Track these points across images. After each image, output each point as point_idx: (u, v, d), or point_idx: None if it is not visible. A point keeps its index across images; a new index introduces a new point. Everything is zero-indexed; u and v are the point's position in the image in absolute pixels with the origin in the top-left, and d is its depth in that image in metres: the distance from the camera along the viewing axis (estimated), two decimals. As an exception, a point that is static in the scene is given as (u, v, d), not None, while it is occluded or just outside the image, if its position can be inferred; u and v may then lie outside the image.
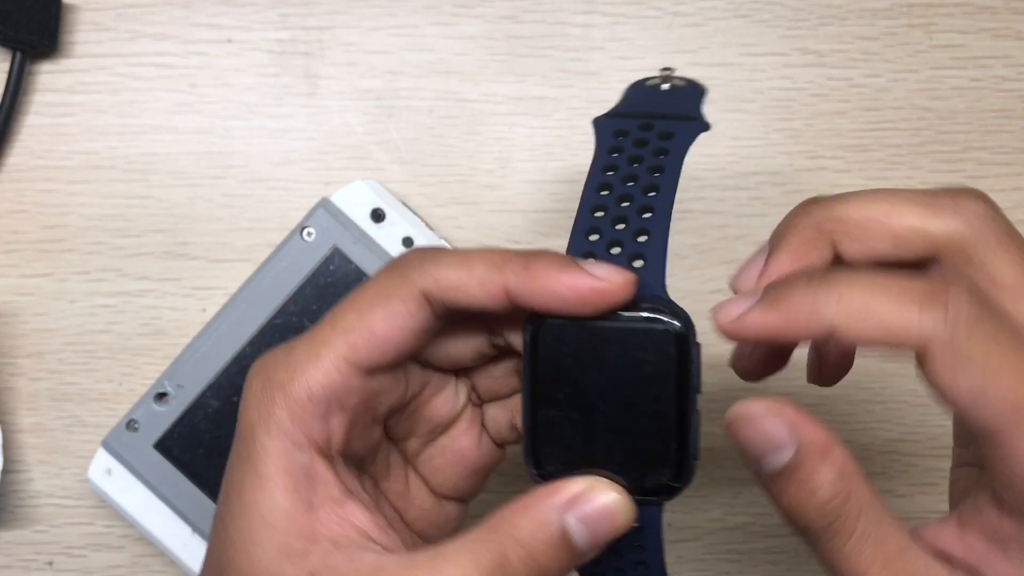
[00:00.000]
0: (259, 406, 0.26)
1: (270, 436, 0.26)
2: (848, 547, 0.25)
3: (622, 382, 0.25)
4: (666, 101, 0.30)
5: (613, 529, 0.25)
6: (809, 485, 0.24)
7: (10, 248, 0.42)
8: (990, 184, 0.43)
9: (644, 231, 0.26)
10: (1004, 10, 0.43)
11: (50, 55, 0.42)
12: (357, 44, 0.43)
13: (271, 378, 0.26)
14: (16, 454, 0.42)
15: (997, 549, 0.25)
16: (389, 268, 0.27)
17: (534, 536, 0.24)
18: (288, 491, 0.25)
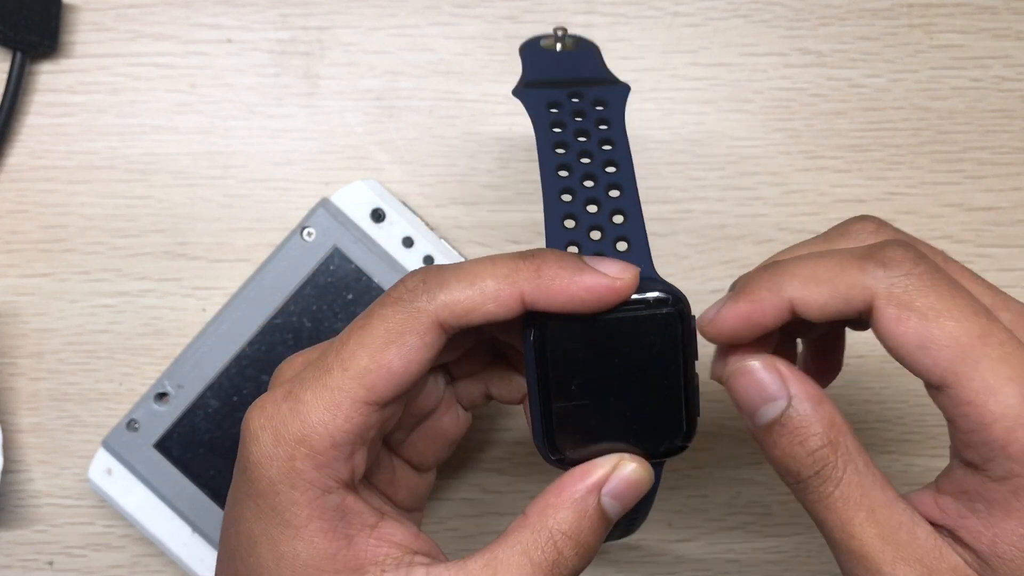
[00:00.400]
0: (275, 461, 0.26)
1: (296, 489, 0.26)
2: (835, 494, 0.26)
3: (631, 365, 0.27)
4: (574, 64, 0.31)
5: (640, 494, 0.27)
6: (800, 434, 0.26)
7: (10, 248, 0.42)
8: (990, 184, 0.43)
9: (619, 211, 0.27)
10: (1004, 10, 0.43)
11: (50, 55, 0.42)
12: (357, 44, 0.43)
13: (282, 432, 0.26)
14: (16, 454, 0.42)
15: (966, 507, 0.25)
16: (396, 299, 0.26)
17: (579, 524, 0.26)
18: (326, 533, 0.26)
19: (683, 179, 0.43)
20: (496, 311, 0.26)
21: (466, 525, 0.43)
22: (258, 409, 0.27)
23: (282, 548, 0.26)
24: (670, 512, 0.43)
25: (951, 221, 0.43)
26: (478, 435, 0.43)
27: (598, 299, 0.26)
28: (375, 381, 0.26)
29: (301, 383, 0.26)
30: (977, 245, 0.43)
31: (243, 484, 0.27)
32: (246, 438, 0.26)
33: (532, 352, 0.26)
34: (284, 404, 0.26)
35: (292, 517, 0.26)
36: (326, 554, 0.26)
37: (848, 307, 0.25)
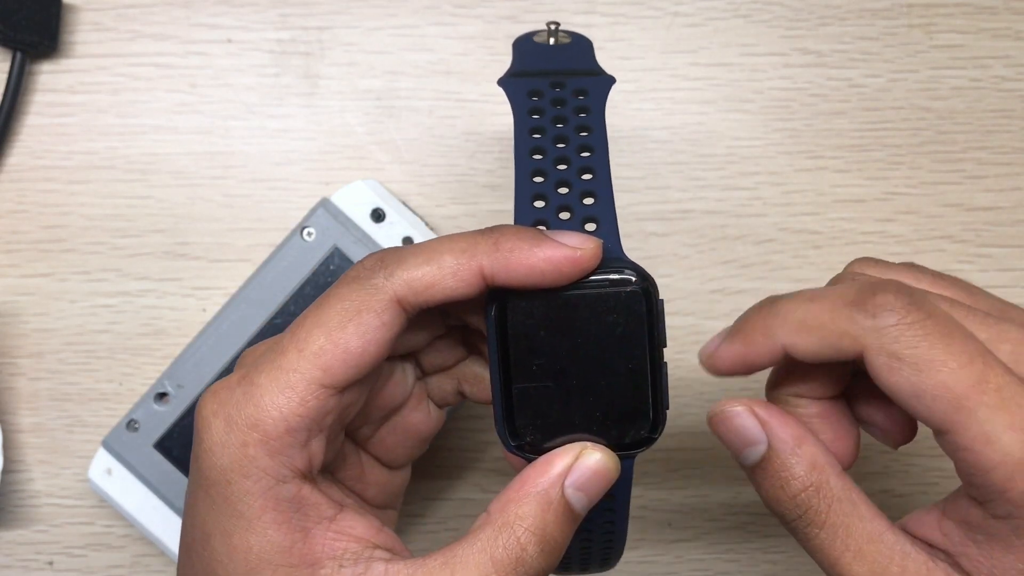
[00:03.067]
0: (227, 448, 0.25)
1: (249, 478, 0.25)
2: (821, 536, 0.26)
3: (594, 346, 0.26)
4: (562, 57, 0.31)
5: (606, 486, 0.26)
6: (780, 479, 0.26)
7: (10, 248, 0.42)
8: (990, 184, 0.43)
9: (589, 193, 0.27)
10: (1004, 10, 0.43)
11: (50, 55, 0.42)
12: (357, 44, 0.43)
13: (235, 417, 0.25)
14: (16, 454, 0.42)
15: (968, 536, 0.25)
16: (353, 278, 0.26)
17: (543, 518, 0.25)
18: (280, 525, 0.25)
19: (683, 179, 0.43)
20: (456, 286, 0.25)
21: (466, 525, 0.43)
22: (211, 394, 0.26)
23: (234, 541, 0.25)
24: (670, 512, 0.43)
25: (951, 221, 0.43)
26: (478, 435, 0.43)
27: (558, 271, 0.25)
28: (331, 362, 0.25)
29: (256, 366, 0.25)
30: (977, 245, 0.43)
31: (196, 474, 0.26)
32: (199, 426, 0.25)
33: (493, 328, 0.26)
34: (238, 388, 0.25)
35: (245, 508, 0.25)
36: (280, 547, 0.25)
37: (839, 355, 0.25)
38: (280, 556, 0.25)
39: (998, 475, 0.24)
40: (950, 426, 0.24)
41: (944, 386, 0.24)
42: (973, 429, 0.24)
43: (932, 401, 0.24)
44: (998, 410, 0.24)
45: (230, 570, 0.25)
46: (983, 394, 0.24)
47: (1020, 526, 0.24)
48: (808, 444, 0.26)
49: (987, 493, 0.24)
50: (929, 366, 0.24)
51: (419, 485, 0.43)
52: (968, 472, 0.24)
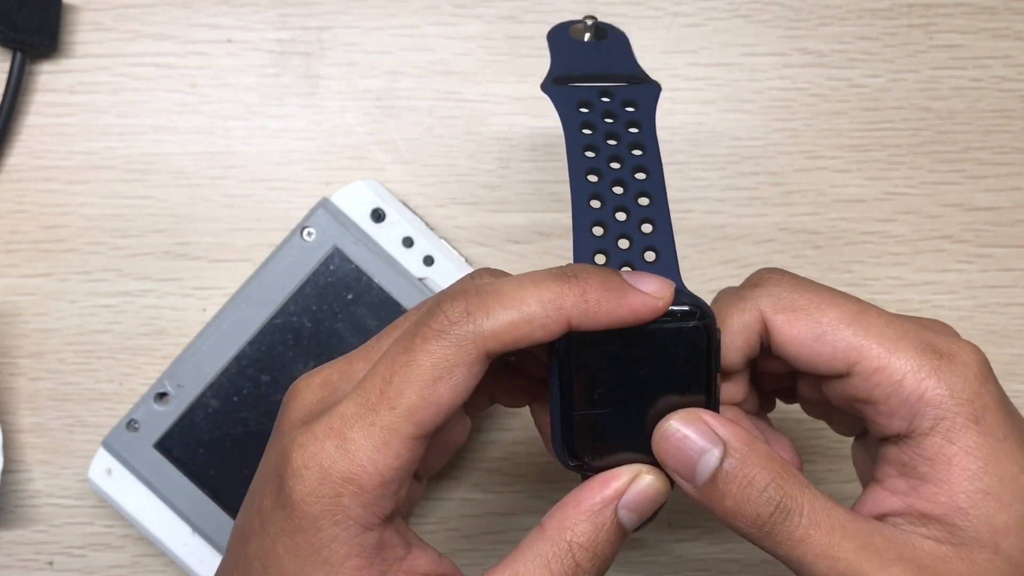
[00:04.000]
0: (321, 499, 0.25)
1: (339, 526, 0.25)
2: (804, 523, 0.26)
3: (655, 376, 0.27)
4: (604, 57, 0.31)
5: (656, 507, 0.27)
6: (746, 478, 0.26)
7: (10, 248, 0.42)
8: (990, 184, 0.43)
9: (648, 220, 0.27)
10: (1004, 10, 0.43)
11: (50, 55, 0.42)
12: (357, 44, 0.43)
13: (329, 471, 0.25)
14: (16, 454, 0.42)
15: (913, 478, 0.26)
16: (439, 331, 0.26)
17: (596, 536, 0.26)
18: (361, 571, 0.26)
19: (683, 179, 0.43)
20: (544, 337, 0.26)
21: (466, 525, 0.43)
22: (299, 447, 0.26)
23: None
24: (670, 512, 0.43)
25: (951, 221, 0.43)
26: (478, 435, 0.43)
27: (639, 319, 0.26)
28: (424, 417, 0.25)
29: (344, 420, 0.26)
30: (977, 245, 0.43)
31: (280, 519, 0.26)
32: (288, 475, 0.26)
33: (556, 361, 0.26)
34: (328, 442, 0.25)
35: (331, 555, 0.25)
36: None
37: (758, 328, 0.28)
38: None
39: (910, 381, 0.26)
40: (855, 354, 0.26)
41: (838, 319, 0.27)
42: (875, 348, 0.26)
43: (833, 335, 0.27)
44: (887, 327, 0.27)
45: None
46: (868, 317, 0.27)
47: (948, 429, 0.25)
48: (757, 441, 0.27)
49: (907, 409, 0.26)
50: (819, 307, 0.27)
51: (419, 485, 0.43)
52: (884, 397, 0.26)
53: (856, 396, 0.27)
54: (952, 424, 0.26)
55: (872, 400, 0.27)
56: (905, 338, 0.27)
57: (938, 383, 0.26)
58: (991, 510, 0.25)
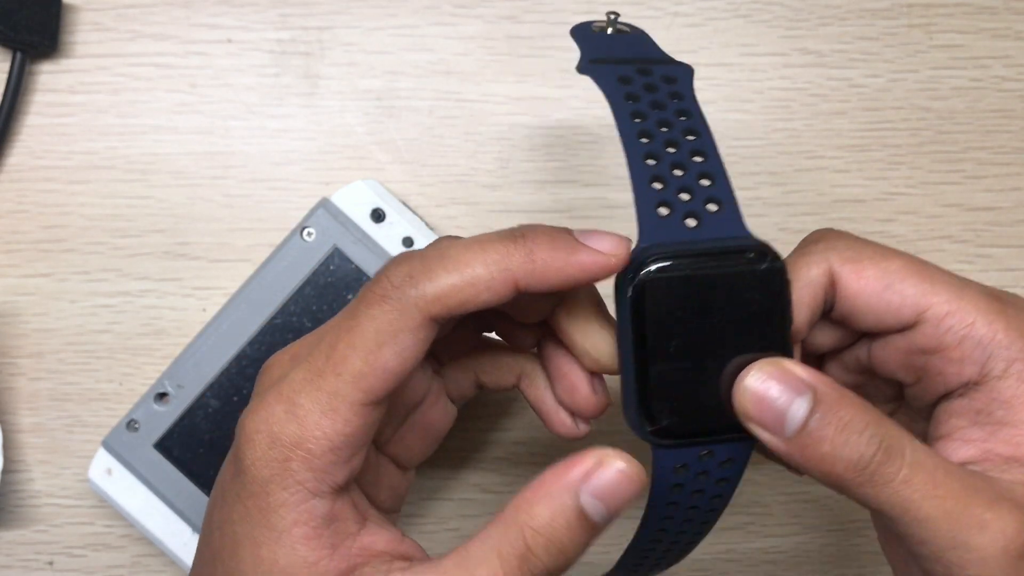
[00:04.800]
0: (270, 463, 0.25)
1: (286, 490, 0.25)
2: (907, 467, 0.24)
3: (731, 324, 0.26)
4: (631, 45, 0.30)
5: (628, 499, 0.25)
6: (843, 420, 0.24)
7: (10, 248, 0.42)
8: (990, 184, 0.43)
9: (705, 175, 0.26)
10: (1004, 10, 0.43)
11: (50, 55, 0.42)
12: (357, 44, 0.43)
13: (279, 435, 0.25)
14: (16, 454, 0.42)
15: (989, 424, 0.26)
16: (382, 296, 0.25)
17: (552, 520, 0.24)
18: (309, 540, 0.25)
19: (683, 179, 0.43)
20: (489, 299, 0.25)
21: (466, 525, 0.43)
22: (251, 413, 0.26)
23: (263, 552, 0.25)
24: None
25: (951, 221, 0.43)
26: (478, 435, 0.43)
27: (590, 277, 0.25)
28: (371, 383, 0.25)
29: (292, 386, 0.26)
30: (977, 245, 0.43)
31: (235, 486, 0.26)
32: (240, 442, 0.26)
33: (628, 310, 0.25)
34: (278, 407, 0.25)
35: (278, 520, 0.25)
36: (307, 562, 0.25)
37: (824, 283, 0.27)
38: (304, 570, 0.25)
39: (981, 325, 0.26)
40: (925, 301, 0.26)
41: (904, 268, 0.26)
42: (942, 294, 0.26)
43: (901, 284, 0.26)
44: (949, 276, 0.27)
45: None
46: (930, 269, 0.27)
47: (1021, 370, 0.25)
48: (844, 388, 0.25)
49: (980, 352, 0.26)
50: (884, 258, 0.27)
51: (419, 485, 0.43)
52: (955, 343, 0.26)
53: (925, 346, 0.26)
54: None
55: (943, 347, 0.26)
56: (969, 286, 0.26)
57: (1008, 325, 0.26)
58: None
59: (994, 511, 0.24)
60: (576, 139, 0.43)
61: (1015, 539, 0.24)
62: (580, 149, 0.43)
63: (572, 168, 0.43)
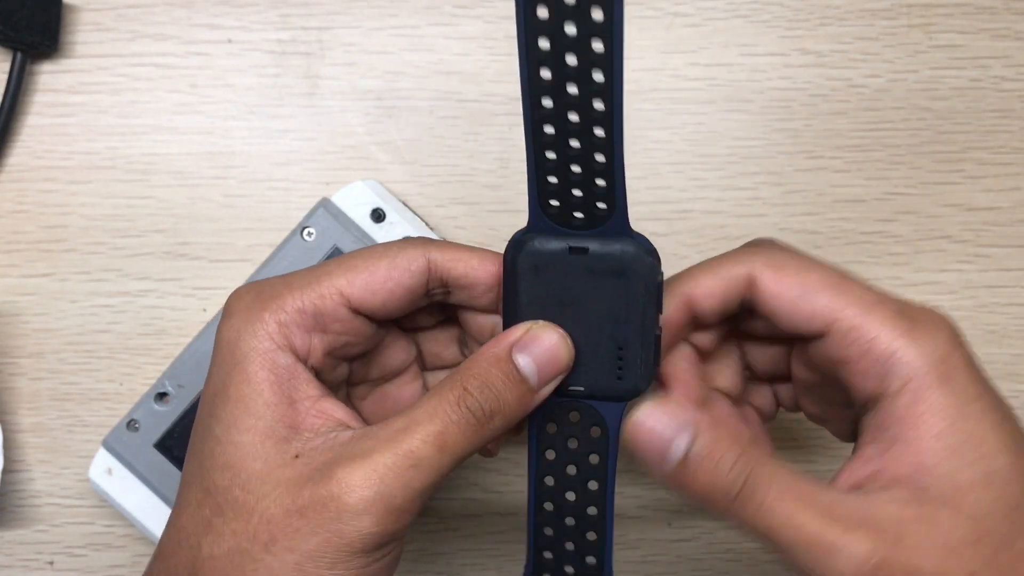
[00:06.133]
0: (247, 315, 0.28)
1: (256, 338, 0.28)
2: (771, 495, 0.26)
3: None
4: None
5: (558, 364, 0.28)
6: (714, 458, 0.27)
7: (11, 248, 0.42)
8: (990, 184, 0.43)
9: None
10: (1003, 10, 0.43)
11: (51, 55, 0.42)
12: (358, 44, 0.43)
13: (263, 292, 0.29)
14: (17, 454, 0.42)
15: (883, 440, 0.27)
16: (399, 240, 0.30)
17: (488, 370, 0.28)
18: (272, 385, 0.28)
19: (683, 179, 0.43)
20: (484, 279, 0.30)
21: (467, 525, 0.43)
22: (246, 284, 0.30)
23: (231, 392, 0.28)
24: (670, 512, 0.43)
25: (951, 221, 0.43)
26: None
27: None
28: (356, 278, 0.29)
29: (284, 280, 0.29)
30: (977, 245, 0.43)
31: (215, 344, 0.29)
32: (229, 300, 0.29)
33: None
34: (274, 278, 0.29)
35: (248, 364, 0.28)
36: (267, 403, 0.28)
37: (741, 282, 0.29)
38: (265, 410, 0.28)
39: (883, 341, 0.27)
40: (833, 314, 0.28)
41: (821, 280, 0.28)
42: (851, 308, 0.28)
43: (815, 294, 0.28)
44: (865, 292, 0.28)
45: (223, 418, 0.28)
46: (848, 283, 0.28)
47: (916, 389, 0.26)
48: (722, 424, 0.28)
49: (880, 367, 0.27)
50: (806, 269, 0.29)
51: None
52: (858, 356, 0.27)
53: (833, 357, 0.28)
54: (920, 384, 0.26)
55: (846, 359, 0.28)
56: (880, 303, 0.28)
57: (908, 344, 0.27)
58: (955, 467, 0.26)
59: (849, 536, 0.25)
60: (576, 139, 0.43)
61: (866, 562, 0.25)
62: (580, 149, 0.43)
63: (572, 168, 0.43)
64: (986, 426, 0.26)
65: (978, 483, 0.26)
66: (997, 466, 0.26)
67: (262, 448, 0.27)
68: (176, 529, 0.28)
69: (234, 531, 0.27)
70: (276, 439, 0.27)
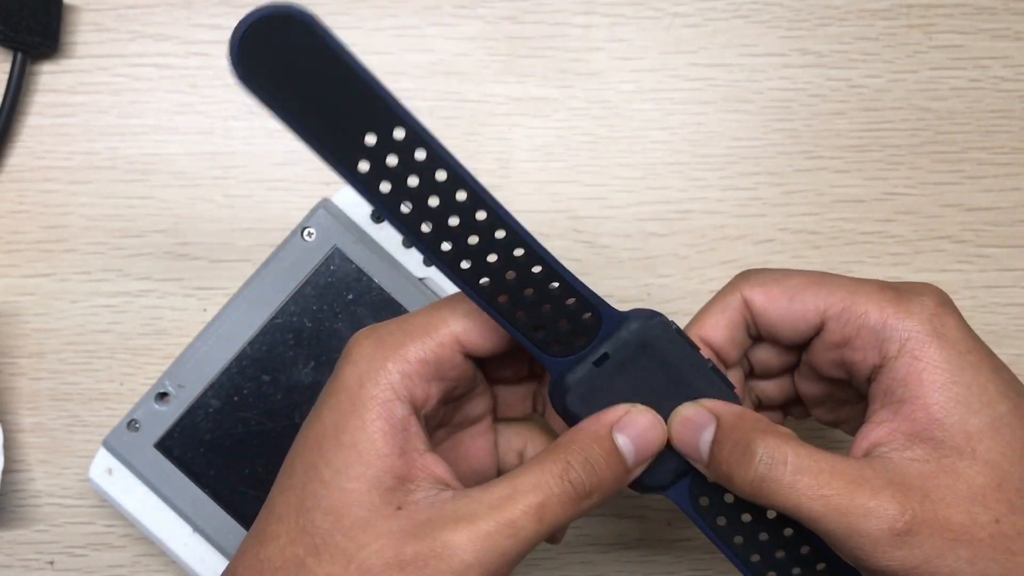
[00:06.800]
0: (370, 362, 0.29)
1: (378, 387, 0.28)
2: (790, 474, 0.27)
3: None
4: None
5: (653, 444, 0.29)
6: (736, 442, 0.28)
7: (11, 248, 0.42)
8: (990, 184, 0.43)
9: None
10: (1003, 11, 0.43)
11: (51, 55, 0.42)
12: (358, 45, 0.43)
13: (385, 340, 0.29)
14: (17, 454, 0.42)
15: (892, 402, 0.28)
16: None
17: (591, 447, 0.28)
18: (386, 435, 0.28)
19: (683, 179, 0.43)
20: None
21: (466, 525, 0.43)
22: (366, 328, 0.30)
23: (345, 438, 0.28)
24: (670, 512, 0.43)
25: (951, 221, 0.43)
26: (478, 435, 0.43)
27: None
28: (471, 325, 0.29)
29: (414, 312, 0.30)
30: (977, 245, 0.43)
31: (330, 391, 0.29)
32: (350, 345, 0.29)
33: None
34: (393, 323, 0.30)
35: (365, 412, 0.28)
36: (380, 453, 0.28)
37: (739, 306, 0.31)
38: (377, 460, 0.28)
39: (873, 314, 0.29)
40: (825, 304, 0.29)
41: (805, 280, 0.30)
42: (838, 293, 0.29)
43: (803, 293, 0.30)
44: (848, 281, 0.30)
45: (333, 462, 0.28)
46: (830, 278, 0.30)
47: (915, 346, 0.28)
48: (745, 410, 0.29)
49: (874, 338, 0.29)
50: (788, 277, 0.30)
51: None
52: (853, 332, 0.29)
53: (835, 342, 0.29)
54: (916, 343, 0.28)
55: (847, 339, 0.29)
56: (865, 284, 0.29)
57: (898, 309, 0.28)
58: (964, 416, 0.27)
59: (877, 499, 0.26)
60: (576, 139, 0.43)
61: (898, 520, 0.26)
62: (580, 148, 0.43)
63: (572, 168, 0.43)
64: (985, 375, 0.27)
65: (986, 429, 0.27)
66: (1001, 412, 0.27)
67: (368, 498, 0.27)
68: (259, 560, 0.28)
69: (328, 574, 0.27)
70: (382, 490, 0.28)
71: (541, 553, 0.43)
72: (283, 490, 0.29)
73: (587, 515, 0.29)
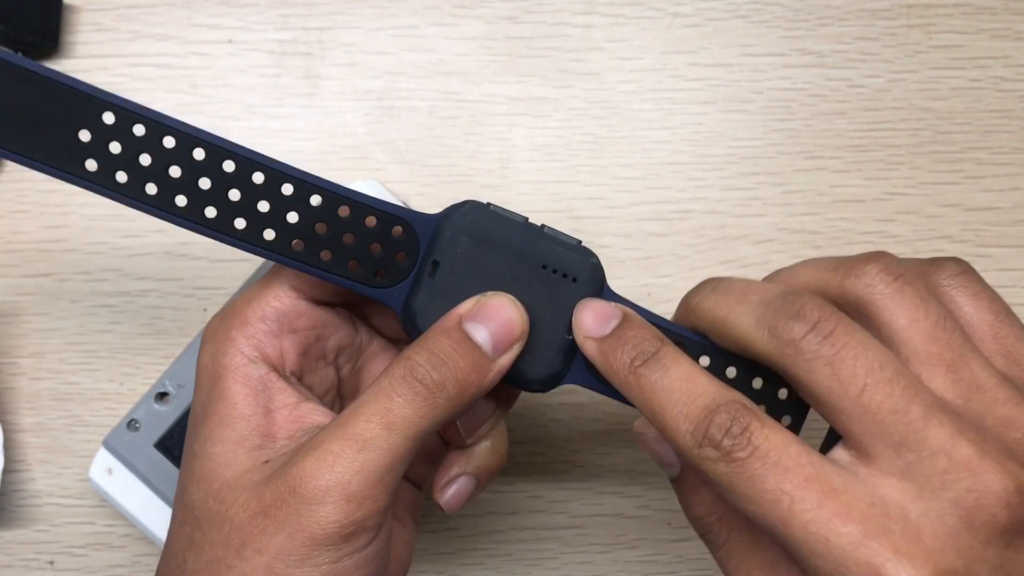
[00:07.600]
0: (217, 336, 0.29)
1: (227, 355, 0.29)
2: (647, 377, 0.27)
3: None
4: None
5: (512, 324, 0.28)
6: (625, 335, 0.27)
7: (11, 248, 0.42)
8: (989, 184, 0.43)
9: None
10: (1003, 11, 0.43)
11: (51, 55, 0.42)
12: (358, 45, 0.43)
13: (226, 313, 0.30)
14: (17, 453, 0.42)
15: None
16: None
17: (436, 340, 0.27)
18: (246, 398, 0.28)
19: (683, 179, 0.43)
20: None
21: (466, 525, 0.43)
22: (214, 315, 0.31)
23: (209, 410, 0.29)
24: (670, 512, 0.43)
25: (951, 221, 0.43)
26: (478, 435, 0.43)
27: None
28: (299, 282, 0.30)
29: (241, 295, 0.30)
30: (976, 245, 0.43)
31: (196, 373, 0.30)
32: (203, 334, 0.30)
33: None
34: (235, 299, 0.30)
35: (222, 384, 0.29)
36: (241, 415, 0.28)
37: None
38: (239, 421, 0.28)
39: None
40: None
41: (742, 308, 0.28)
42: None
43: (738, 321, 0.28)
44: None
45: (201, 435, 0.28)
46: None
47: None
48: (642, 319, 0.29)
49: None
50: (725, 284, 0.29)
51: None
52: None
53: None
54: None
55: None
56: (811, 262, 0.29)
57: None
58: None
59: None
60: (576, 139, 0.43)
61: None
62: (580, 148, 0.43)
63: (572, 168, 0.43)
64: None
65: None
66: None
67: (234, 457, 0.28)
68: (167, 549, 0.29)
69: (211, 542, 0.27)
70: (248, 448, 0.28)
71: (541, 553, 0.43)
72: (178, 480, 0.30)
73: (460, 414, 0.28)
